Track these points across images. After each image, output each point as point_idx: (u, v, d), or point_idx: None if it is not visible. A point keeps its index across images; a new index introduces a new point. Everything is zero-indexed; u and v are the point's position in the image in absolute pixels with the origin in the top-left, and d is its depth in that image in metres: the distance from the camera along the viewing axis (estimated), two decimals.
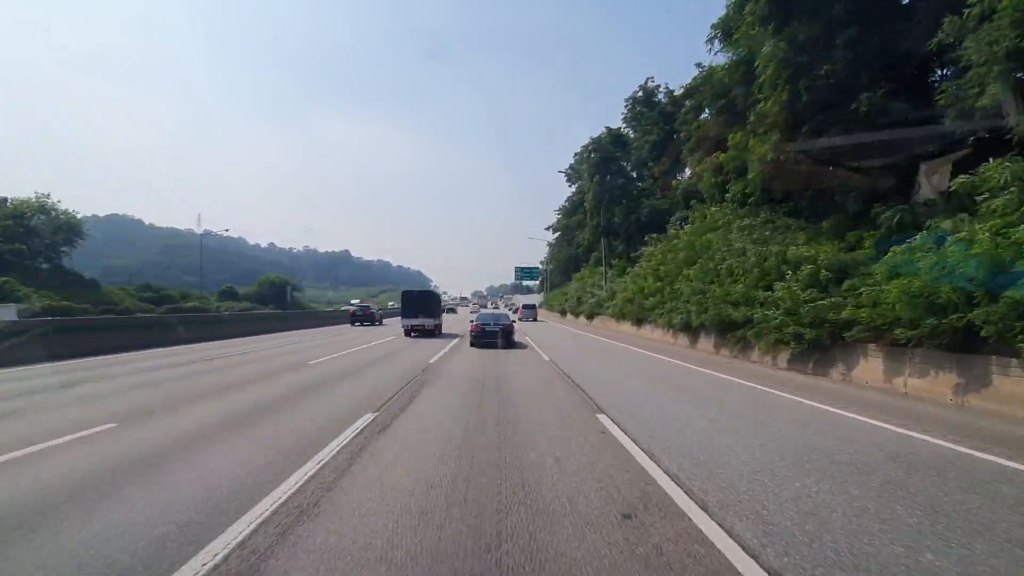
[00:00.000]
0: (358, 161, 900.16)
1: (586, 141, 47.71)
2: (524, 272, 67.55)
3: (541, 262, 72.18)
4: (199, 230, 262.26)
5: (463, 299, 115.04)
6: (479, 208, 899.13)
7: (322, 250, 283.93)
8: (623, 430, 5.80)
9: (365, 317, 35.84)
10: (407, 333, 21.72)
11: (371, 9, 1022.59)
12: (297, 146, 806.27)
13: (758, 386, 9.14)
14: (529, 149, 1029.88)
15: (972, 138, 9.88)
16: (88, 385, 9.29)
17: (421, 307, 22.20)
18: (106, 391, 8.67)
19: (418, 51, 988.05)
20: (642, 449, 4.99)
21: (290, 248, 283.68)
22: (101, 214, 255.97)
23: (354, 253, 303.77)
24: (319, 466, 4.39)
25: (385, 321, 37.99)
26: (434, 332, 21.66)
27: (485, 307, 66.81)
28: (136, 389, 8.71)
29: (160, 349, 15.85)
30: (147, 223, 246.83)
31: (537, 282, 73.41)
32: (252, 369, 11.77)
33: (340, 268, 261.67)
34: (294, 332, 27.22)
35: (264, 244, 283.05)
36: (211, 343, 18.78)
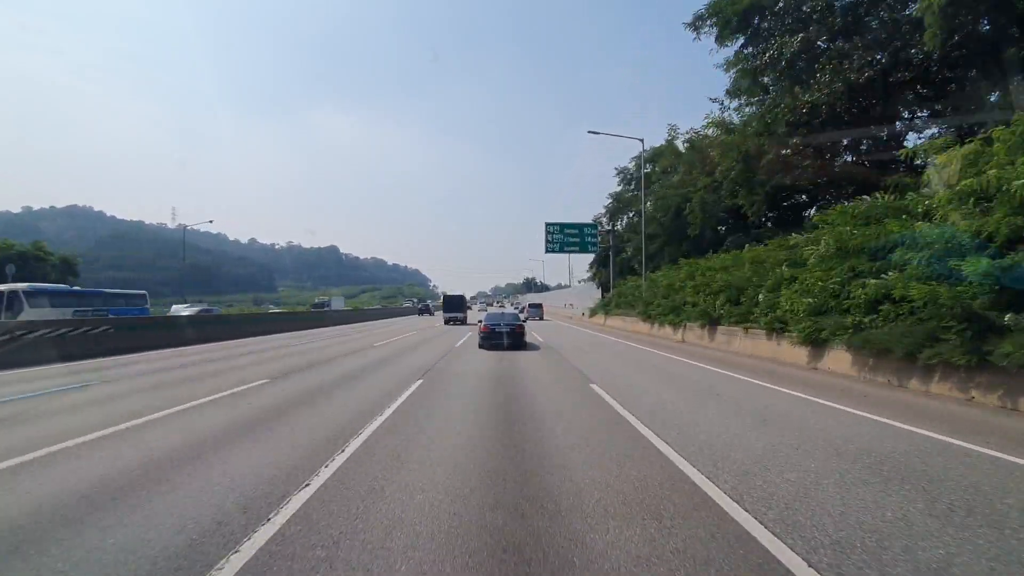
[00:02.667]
0: (353, 156, 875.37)
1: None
2: (565, 235, 30.66)
3: (600, 219, 38.48)
4: (172, 224, 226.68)
5: (470, 299, 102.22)
6: (483, 208, 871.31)
7: (307, 246, 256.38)
8: None
9: (426, 310, 58.62)
10: (446, 323, 31.90)
11: (373, 4, 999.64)
12: (289, 141, 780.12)
13: None
14: (535, 148, 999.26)
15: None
16: None
17: (455, 306, 34.34)
18: None
19: (421, 46, 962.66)
20: None
21: (272, 244, 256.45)
22: (59, 206, 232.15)
23: (343, 249, 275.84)
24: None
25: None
26: (464, 321, 31.27)
27: (492, 306, 64.29)
28: None
29: None
30: (108, 215, 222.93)
31: (587, 257, 41.13)
32: None
33: (326, 265, 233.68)
34: None
35: (245, 240, 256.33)
36: None
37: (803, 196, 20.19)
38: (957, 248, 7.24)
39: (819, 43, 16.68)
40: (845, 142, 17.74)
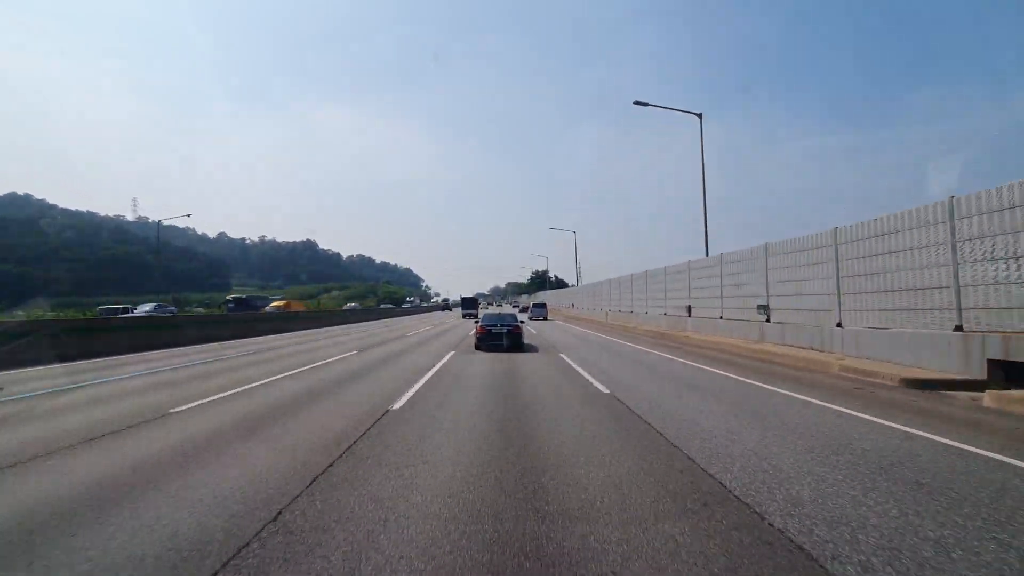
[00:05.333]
0: (348, 153, 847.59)
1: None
2: None
3: None
4: (132, 216, 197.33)
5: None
6: (482, 208, 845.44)
7: (281, 240, 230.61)
8: None
9: (446, 307, 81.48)
10: (463, 316, 44.35)
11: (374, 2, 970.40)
12: (280, 136, 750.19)
13: None
14: (534, 147, 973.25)
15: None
16: None
17: (470, 304, 51.57)
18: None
19: (421, 40, 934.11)
20: None
21: (243, 238, 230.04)
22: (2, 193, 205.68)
23: (323, 244, 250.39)
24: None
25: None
26: (476, 316, 32.47)
27: (492, 306, 79.35)
28: None
29: None
30: (51, 203, 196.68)
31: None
32: None
33: (299, 261, 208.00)
34: None
35: (213, 234, 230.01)
36: None
37: None
38: None
39: None
40: None
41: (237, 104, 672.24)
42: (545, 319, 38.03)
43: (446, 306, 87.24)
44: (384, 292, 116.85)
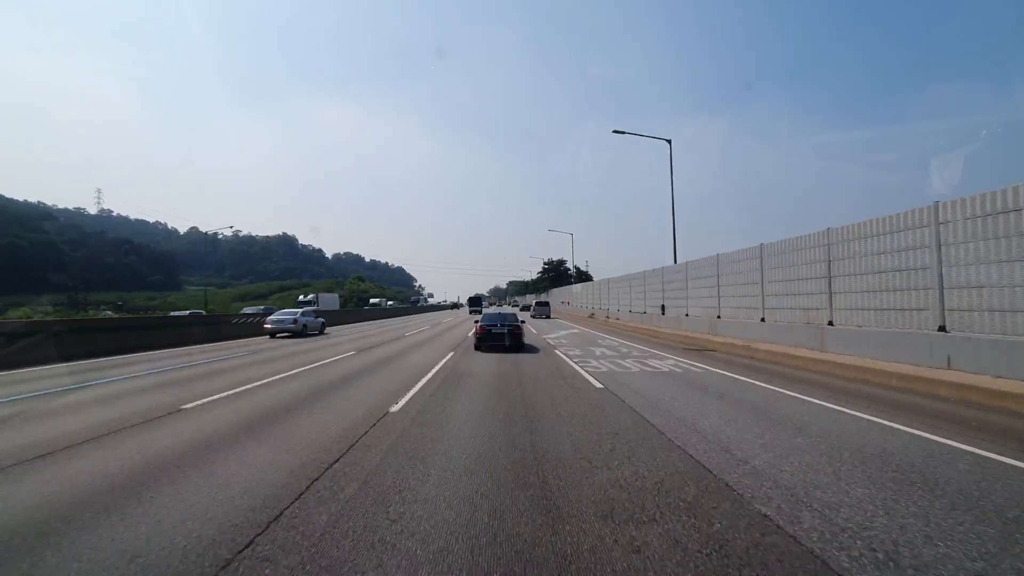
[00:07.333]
0: (337, 148, 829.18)
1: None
2: None
3: None
4: (94, 208, 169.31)
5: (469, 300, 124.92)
6: (483, 208, 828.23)
7: (257, 234, 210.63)
8: None
9: (455, 306, 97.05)
10: (470, 312, 53.22)
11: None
12: (270, 129, 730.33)
13: None
14: (533, 145, 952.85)
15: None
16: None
17: (476, 302, 63.38)
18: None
19: (421, 36, 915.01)
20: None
21: (215, 233, 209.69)
22: None
23: (303, 241, 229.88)
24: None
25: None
26: (480, 312, 38.85)
27: (492, 306, 74.70)
28: None
29: None
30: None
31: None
32: None
33: (273, 258, 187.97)
34: None
35: (183, 230, 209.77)
36: None
37: None
38: None
39: None
40: None
41: (231, 100, 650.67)
42: (548, 318, 37.75)
43: (456, 305, 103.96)
44: (352, 290, 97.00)
